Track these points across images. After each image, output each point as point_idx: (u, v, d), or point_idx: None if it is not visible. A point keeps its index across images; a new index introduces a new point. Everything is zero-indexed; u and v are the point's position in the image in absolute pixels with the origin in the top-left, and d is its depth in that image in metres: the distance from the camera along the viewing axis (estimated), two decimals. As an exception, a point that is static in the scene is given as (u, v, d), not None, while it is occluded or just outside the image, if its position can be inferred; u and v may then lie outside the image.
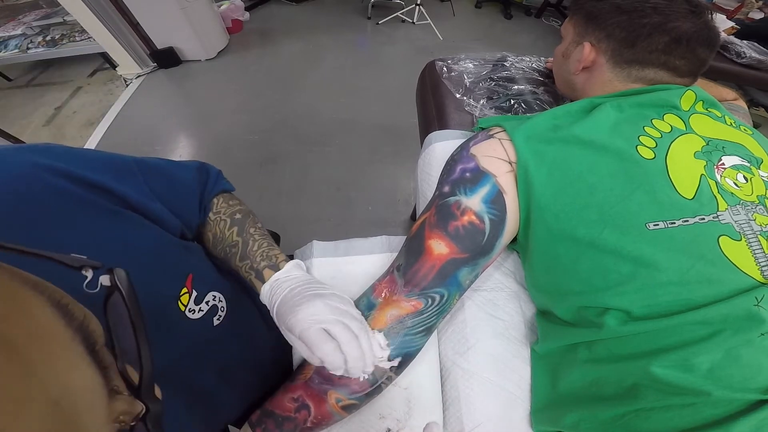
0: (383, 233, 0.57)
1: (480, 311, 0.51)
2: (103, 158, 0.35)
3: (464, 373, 0.47)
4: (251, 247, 0.43)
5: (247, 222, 0.46)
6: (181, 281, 0.36)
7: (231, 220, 0.45)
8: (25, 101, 2.15)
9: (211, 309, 0.39)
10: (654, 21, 0.45)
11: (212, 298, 0.40)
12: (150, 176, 0.38)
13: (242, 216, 0.46)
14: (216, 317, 0.40)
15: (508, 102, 0.68)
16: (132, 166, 0.37)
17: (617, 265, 0.36)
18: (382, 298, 0.41)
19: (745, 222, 0.34)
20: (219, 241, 0.45)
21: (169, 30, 2.12)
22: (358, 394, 0.39)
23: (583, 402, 0.39)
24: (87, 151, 0.35)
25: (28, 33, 2.19)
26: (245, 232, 0.45)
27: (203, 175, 0.46)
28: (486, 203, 0.41)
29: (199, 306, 0.38)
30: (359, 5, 2.98)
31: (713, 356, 0.31)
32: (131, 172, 0.36)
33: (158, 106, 2.06)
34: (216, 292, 0.41)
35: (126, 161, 0.37)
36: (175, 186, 0.41)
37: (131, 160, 0.38)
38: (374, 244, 0.56)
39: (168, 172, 0.42)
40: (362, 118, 1.95)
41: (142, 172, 0.37)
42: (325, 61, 2.39)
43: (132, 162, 0.37)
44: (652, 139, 0.39)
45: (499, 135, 0.45)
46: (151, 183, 0.37)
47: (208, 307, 0.39)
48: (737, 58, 1.29)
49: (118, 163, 0.36)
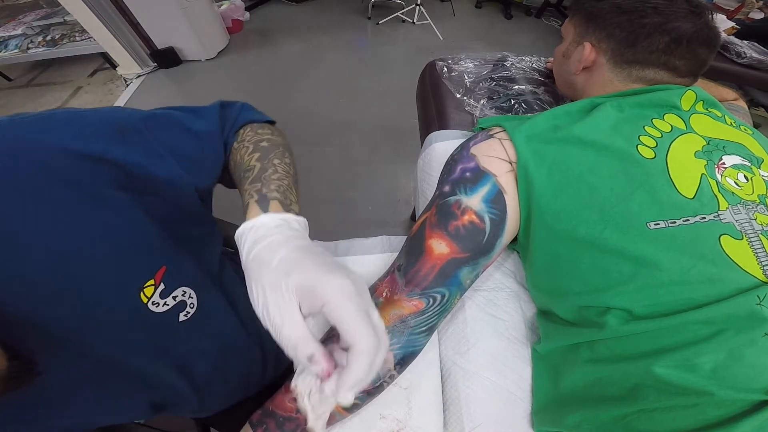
0: (383, 233, 0.57)
1: (480, 311, 0.51)
2: (107, 121, 0.33)
3: (464, 373, 0.47)
4: (269, 173, 0.37)
5: (273, 152, 0.40)
6: (149, 273, 0.34)
7: (254, 146, 0.41)
8: (25, 101, 2.15)
9: (178, 304, 0.37)
10: (654, 21, 0.45)
11: (181, 294, 0.37)
12: (161, 131, 0.36)
13: (269, 145, 0.41)
14: (183, 313, 0.38)
15: (508, 102, 0.68)
16: (139, 124, 0.35)
17: (618, 264, 0.36)
18: (383, 298, 0.41)
19: (746, 221, 0.34)
20: (238, 167, 0.40)
21: (170, 30, 2.12)
22: (359, 393, 0.39)
23: (584, 402, 0.39)
24: (90, 115, 0.32)
25: (28, 33, 2.19)
26: (267, 159, 0.39)
27: (226, 111, 0.44)
28: (486, 203, 0.41)
29: (164, 300, 0.35)
30: (359, 5, 2.98)
31: (716, 356, 0.31)
32: (137, 131, 0.34)
33: (158, 106, 2.04)
34: (187, 288, 0.38)
35: (133, 120, 0.35)
36: (190, 135, 0.39)
37: (139, 118, 0.35)
38: (374, 244, 0.56)
39: (183, 121, 0.39)
40: (362, 118, 1.95)
41: (150, 129, 0.35)
42: (325, 61, 2.39)
43: (139, 120, 0.35)
44: (652, 138, 0.39)
45: (499, 135, 0.45)
46: (162, 137, 0.35)
47: (174, 302, 0.37)
48: (737, 58, 1.30)
49: (123, 123, 0.33)
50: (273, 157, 0.39)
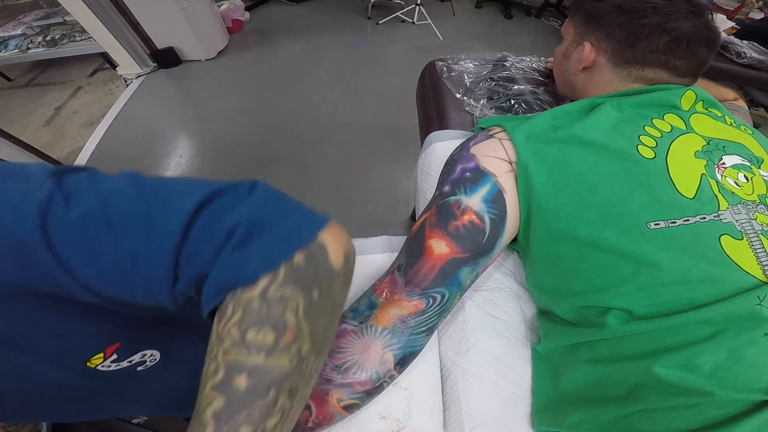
0: (383, 233, 0.57)
1: (480, 311, 0.51)
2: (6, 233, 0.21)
3: (464, 373, 0.47)
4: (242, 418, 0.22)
5: (253, 405, 0.22)
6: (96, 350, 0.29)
7: (227, 370, 0.22)
8: (25, 101, 2.15)
9: (136, 363, 0.33)
10: (654, 21, 0.45)
11: (140, 357, 0.33)
12: (65, 246, 0.22)
13: (251, 387, 0.22)
14: (141, 366, 0.34)
15: (508, 102, 0.68)
16: (33, 244, 0.21)
17: (618, 264, 0.36)
18: (383, 297, 0.41)
19: (747, 221, 0.34)
20: (209, 352, 0.25)
21: (169, 30, 2.12)
22: (359, 393, 0.39)
23: (585, 402, 0.39)
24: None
25: (28, 33, 2.18)
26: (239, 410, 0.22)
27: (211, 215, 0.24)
28: (486, 203, 0.41)
29: (117, 363, 0.31)
30: (359, 5, 2.98)
31: (716, 356, 0.31)
32: (28, 254, 0.21)
33: (158, 106, 2.06)
34: (150, 350, 0.33)
35: (25, 237, 0.21)
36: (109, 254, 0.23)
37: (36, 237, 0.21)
38: (374, 244, 0.56)
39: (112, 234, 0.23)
40: (362, 118, 1.95)
41: (50, 245, 0.21)
42: (325, 61, 2.39)
43: (38, 238, 0.21)
44: (652, 138, 0.39)
45: (499, 135, 0.45)
46: (61, 255, 0.22)
47: (130, 364, 0.32)
48: (737, 58, 1.29)
49: (10, 249, 0.21)
50: (249, 413, 0.21)
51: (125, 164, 1.71)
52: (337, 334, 0.41)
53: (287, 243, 0.24)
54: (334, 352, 0.39)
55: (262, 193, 0.26)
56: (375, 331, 0.39)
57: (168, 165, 1.71)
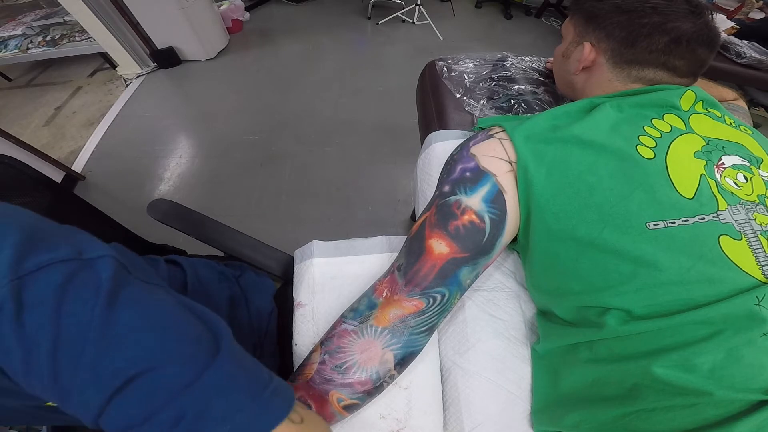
0: (383, 233, 0.57)
1: (480, 311, 0.51)
2: None
3: (464, 373, 0.47)
4: None
5: None
6: None
7: None
8: (25, 101, 2.15)
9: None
10: (654, 21, 0.45)
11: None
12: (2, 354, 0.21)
13: None
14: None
15: (508, 102, 0.68)
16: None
17: (617, 264, 0.36)
18: (383, 297, 0.41)
19: (746, 221, 0.34)
20: None
21: (169, 30, 2.12)
22: (360, 393, 0.39)
23: (583, 402, 0.39)
24: None
25: (28, 33, 2.18)
26: None
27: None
28: (486, 202, 0.41)
29: None
30: (359, 5, 2.98)
31: (715, 356, 0.31)
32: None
33: (158, 106, 2.06)
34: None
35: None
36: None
37: None
38: (374, 244, 0.56)
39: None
40: (362, 118, 1.95)
41: None
42: (325, 61, 2.39)
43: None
44: (651, 138, 0.39)
45: (498, 135, 0.45)
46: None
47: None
48: (737, 58, 1.30)
49: None
50: None
51: (125, 164, 1.71)
52: (337, 334, 0.41)
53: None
54: (335, 352, 0.39)
55: (217, 371, 0.24)
56: (375, 331, 0.39)
57: (168, 165, 1.71)
